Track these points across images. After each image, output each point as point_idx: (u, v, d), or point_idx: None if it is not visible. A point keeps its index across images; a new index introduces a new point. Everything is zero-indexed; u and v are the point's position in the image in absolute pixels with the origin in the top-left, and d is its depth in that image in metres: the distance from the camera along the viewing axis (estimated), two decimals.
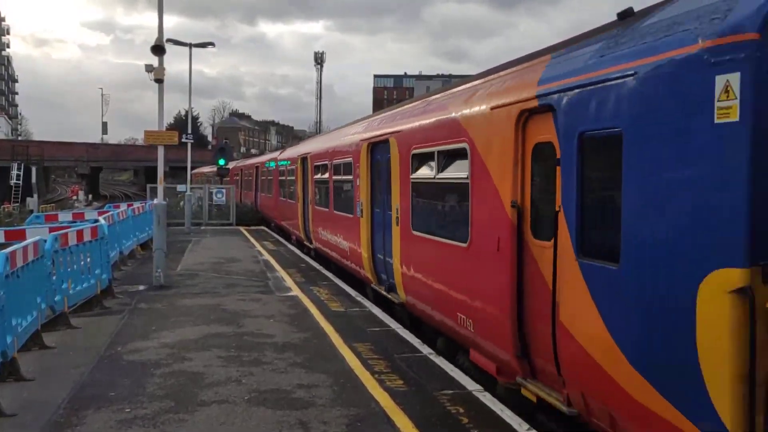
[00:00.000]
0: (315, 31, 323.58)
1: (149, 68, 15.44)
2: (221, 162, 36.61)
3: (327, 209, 16.92)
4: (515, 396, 7.13)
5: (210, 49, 35.08)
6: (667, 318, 4.63)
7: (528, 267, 6.57)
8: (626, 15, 5.91)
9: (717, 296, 4.22)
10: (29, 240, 9.61)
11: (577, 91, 5.67)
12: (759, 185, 4.08)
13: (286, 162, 25.04)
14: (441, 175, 8.96)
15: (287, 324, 10.90)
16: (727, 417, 4.19)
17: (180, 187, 34.32)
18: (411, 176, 10.07)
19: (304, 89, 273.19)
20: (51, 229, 12.43)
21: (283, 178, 25.80)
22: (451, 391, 7.44)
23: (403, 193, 10.45)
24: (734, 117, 4.12)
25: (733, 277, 4.13)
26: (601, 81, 5.35)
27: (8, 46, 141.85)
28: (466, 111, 8.10)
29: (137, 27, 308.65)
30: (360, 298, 13.27)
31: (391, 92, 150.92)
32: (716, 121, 4.23)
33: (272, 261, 19.08)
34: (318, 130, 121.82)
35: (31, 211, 35.61)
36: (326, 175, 16.92)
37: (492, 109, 7.29)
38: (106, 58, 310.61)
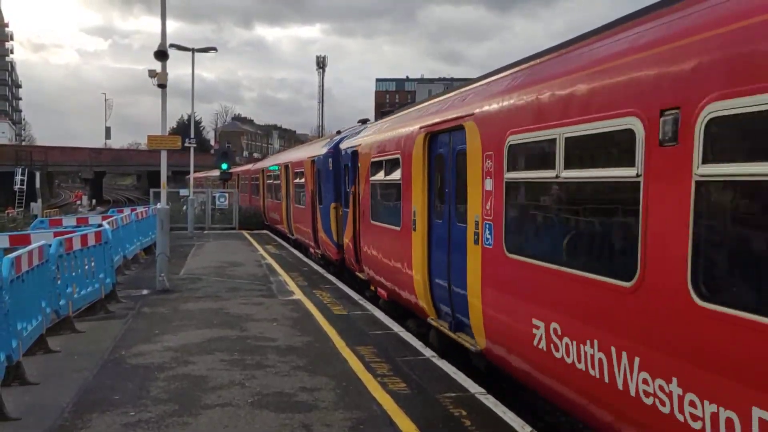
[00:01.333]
0: (312, 34, 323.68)
1: (152, 73, 15.54)
2: (224, 166, 36.61)
3: (272, 200, 30.50)
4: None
5: (207, 53, 35.20)
6: (327, 218, 17.91)
7: (316, 213, 19.32)
8: (342, 131, 20.69)
9: (332, 209, 17.39)
10: (34, 244, 9.66)
11: (323, 156, 18.45)
12: (336, 185, 17.28)
13: (256, 170, 38.68)
14: (299, 181, 22.32)
15: (290, 327, 10.96)
16: (335, 237, 17.46)
17: (183, 191, 34.40)
18: (293, 181, 23.86)
19: (302, 93, 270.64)
20: (55, 234, 12.46)
21: (253, 183, 38.95)
22: (453, 394, 7.49)
23: (292, 188, 24.27)
24: (332, 168, 17.45)
25: (335, 204, 17.30)
26: (322, 156, 18.57)
27: (12, 52, 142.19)
28: (302, 155, 22.03)
29: (134, 32, 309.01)
30: (362, 301, 13.35)
31: (393, 96, 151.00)
32: (329, 168, 17.69)
33: (275, 265, 19.17)
34: (320, 133, 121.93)
35: (35, 216, 35.51)
36: (270, 181, 31.11)
37: (308, 157, 20.59)
38: (104, 63, 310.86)
